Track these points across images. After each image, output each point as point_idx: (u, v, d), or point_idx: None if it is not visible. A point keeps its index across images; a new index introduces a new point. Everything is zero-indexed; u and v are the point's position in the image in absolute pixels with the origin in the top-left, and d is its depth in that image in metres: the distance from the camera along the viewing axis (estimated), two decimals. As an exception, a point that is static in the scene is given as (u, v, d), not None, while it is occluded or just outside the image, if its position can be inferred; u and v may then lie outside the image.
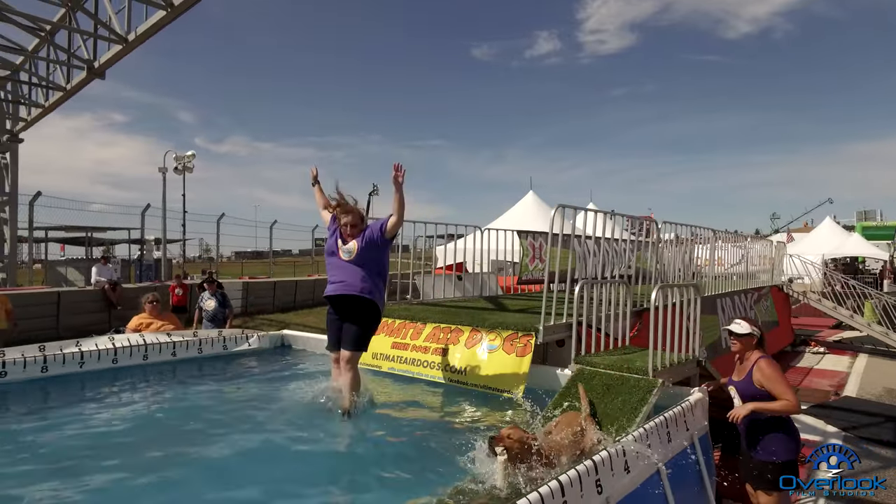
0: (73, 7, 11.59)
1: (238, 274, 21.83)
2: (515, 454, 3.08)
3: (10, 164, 16.24)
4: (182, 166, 20.25)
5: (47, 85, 14.39)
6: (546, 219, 15.79)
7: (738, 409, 3.88)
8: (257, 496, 3.17)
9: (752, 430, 4.00)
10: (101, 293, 13.77)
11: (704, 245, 9.01)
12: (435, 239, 8.41)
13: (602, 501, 2.90)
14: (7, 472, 3.35)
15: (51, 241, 21.80)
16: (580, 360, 4.57)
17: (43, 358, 5.87)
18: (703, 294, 6.89)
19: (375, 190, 19.14)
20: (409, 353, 5.69)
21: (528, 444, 3.13)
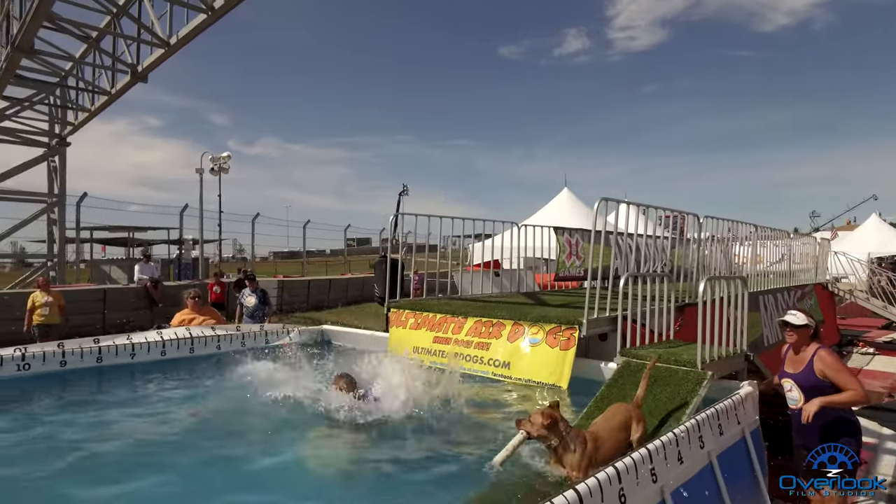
0: (119, 13, 11.99)
1: (272, 273, 22.22)
2: (538, 437, 3.19)
3: (59, 167, 16.88)
4: (218, 167, 20.72)
5: (93, 89, 14.91)
6: (582, 216, 15.79)
7: (808, 407, 3.73)
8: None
9: (819, 426, 3.87)
10: (144, 290, 14.18)
11: (746, 242, 8.81)
12: (473, 238, 8.44)
13: (657, 490, 2.88)
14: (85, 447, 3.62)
15: (95, 242, 22.57)
16: (626, 352, 4.54)
17: (98, 349, 6.12)
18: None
19: (405, 190, 19.34)
20: (451, 346, 5.73)
21: (549, 431, 3.17)
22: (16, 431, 4.07)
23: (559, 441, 3.17)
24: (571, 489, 2.37)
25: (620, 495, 2.59)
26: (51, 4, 10.34)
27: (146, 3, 11.28)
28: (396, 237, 7.77)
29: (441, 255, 7.79)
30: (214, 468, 3.47)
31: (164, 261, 20.57)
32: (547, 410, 3.23)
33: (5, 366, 5.56)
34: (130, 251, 23.13)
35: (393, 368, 4.60)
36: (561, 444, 3.16)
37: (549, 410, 3.23)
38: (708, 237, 7.47)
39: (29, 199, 16.73)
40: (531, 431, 3.20)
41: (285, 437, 3.87)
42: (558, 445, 3.17)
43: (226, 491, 3.18)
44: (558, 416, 3.23)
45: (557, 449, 3.18)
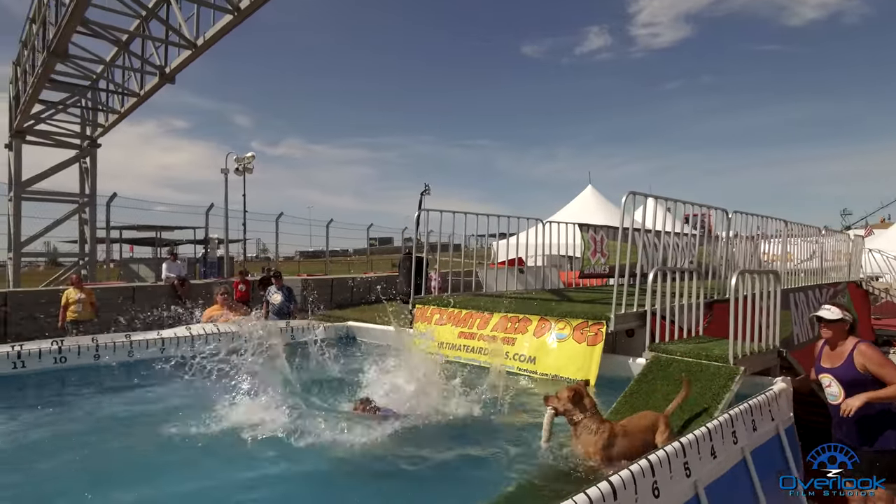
0: (148, 16, 12.22)
1: (296, 272, 22.43)
2: (563, 412, 3.29)
3: (90, 168, 17.30)
4: (242, 167, 20.98)
5: (123, 91, 15.23)
6: (606, 213, 15.62)
7: (852, 402, 3.64)
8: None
9: (862, 422, 3.77)
10: (171, 288, 14.44)
11: (775, 238, 8.63)
12: (497, 236, 8.42)
13: (690, 485, 2.84)
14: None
15: (124, 242, 23.07)
16: (655, 347, 4.49)
17: (129, 343, 6.28)
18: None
19: (427, 189, 19.35)
20: (475, 342, 5.72)
21: (574, 406, 3.25)
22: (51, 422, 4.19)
23: (581, 418, 3.22)
24: (606, 481, 2.35)
25: (654, 488, 2.56)
26: (84, 10, 10.58)
27: (174, 6, 11.48)
28: (420, 236, 7.78)
29: (465, 252, 7.79)
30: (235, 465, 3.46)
31: (191, 259, 20.91)
32: (572, 386, 3.34)
33: (43, 359, 5.75)
34: (158, 250, 23.60)
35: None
36: (583, 421, 3.22)
37: (574, 386, 3.34)
38: (736, 233, 7.33)
39: (61, 200, 17.18)
40: (557, 407, 3.29)
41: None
42: (579, 422, 3.22)
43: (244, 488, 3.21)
44: (584, 392, 3.31)
45: (578, 426, 3.23)
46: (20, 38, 15.50)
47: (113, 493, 3.05)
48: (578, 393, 3.28)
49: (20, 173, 15.92)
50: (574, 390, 3.29)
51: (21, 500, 3.05)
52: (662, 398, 3.84)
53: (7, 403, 4.64)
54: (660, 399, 3.84)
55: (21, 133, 15.98)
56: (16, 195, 15.69)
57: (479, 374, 5.41)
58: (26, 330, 10.64)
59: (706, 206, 6.27)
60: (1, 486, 3.13)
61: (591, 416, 3.24)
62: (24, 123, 15.84)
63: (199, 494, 3.10)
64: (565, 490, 2.37)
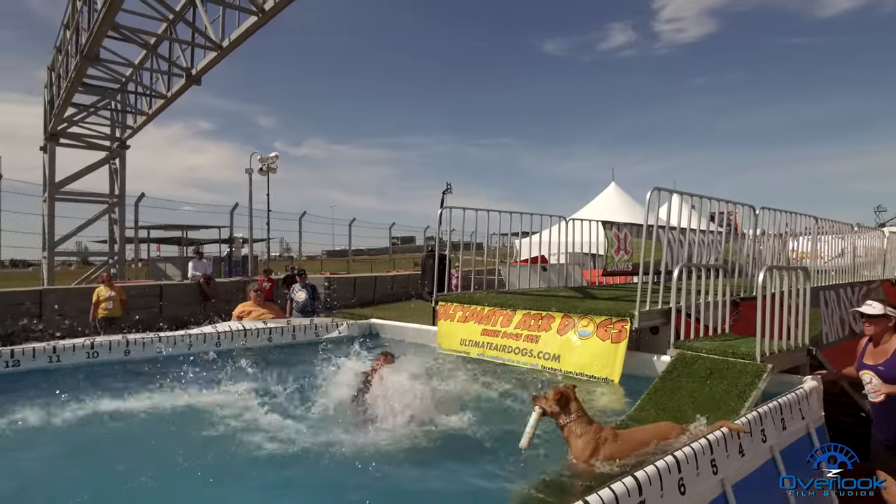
0: (175, 19, 12.45)
1: (319, 270, 22.64)
2: (550, 413, 3.25)
3: (119, 169, 17.71)
4: (266, 167, 21.20)
5: (151, 93, 15.55)
6: (630, 211, 15.42)
7: (885, 387, 3.56)
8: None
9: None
10: (197, 286, 14.71)
11: (805, 236, 8.44)
12: (519, 234, 8.39)
13: (717, 482, 2.81)
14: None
15: (151, 241, 23.56)
16: (680, 344, 4.43)
17: (158, 339, 6.43)
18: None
19: (449, 188, 19.39)
20: (499, 339, 5.72)
21: (561, 408, 3.22)
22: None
23: (567, 421, 3.19)
24: (631, 476, 2.34)
25: (680, 485, 2.54)
26: (115, 14, 10.83)
27: (200, 8, 11.66)
28: (442, 234, 7.80)
29: (487, 251, 7.78)
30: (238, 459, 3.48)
31: (216, 258, 21.24)
32: (559, 388, 3.30)
33: (77, 353, 5.93)
34: (184, 249, 24.04)
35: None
36: (569, 425, 3.19)
37: (561, 388, 3.30)
38: (763, 230, 7.19)
39: (92, 200, 17.61)
40: (545, 407, 3.26)
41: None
42: (566, 425, 3.19)
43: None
44: (571, 395, 3.27)
45: (565, 429, 3.20)
46: (55, 43, 15.93)
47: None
48: (565, 395, 3.25)
49: (54, 175, 16.36)
50: (560, 392, 3.26)
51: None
52: (687, 395, 3.79)
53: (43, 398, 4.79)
54: (685, 396, 3.79)
55: (55, 136, 16.43)
56: (50, 196, 16.13)
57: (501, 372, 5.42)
58: (59, 326, 10.94)
59: (732, 201, 6.15)
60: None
61: (577, 419, 3.20)
62: (57, 126, 16.28)
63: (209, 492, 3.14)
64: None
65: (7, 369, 5.60)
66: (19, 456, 3.58)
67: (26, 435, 3.89)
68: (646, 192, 5.00)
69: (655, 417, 3.70)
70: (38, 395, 4.64)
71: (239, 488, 3.15)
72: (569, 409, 3.23)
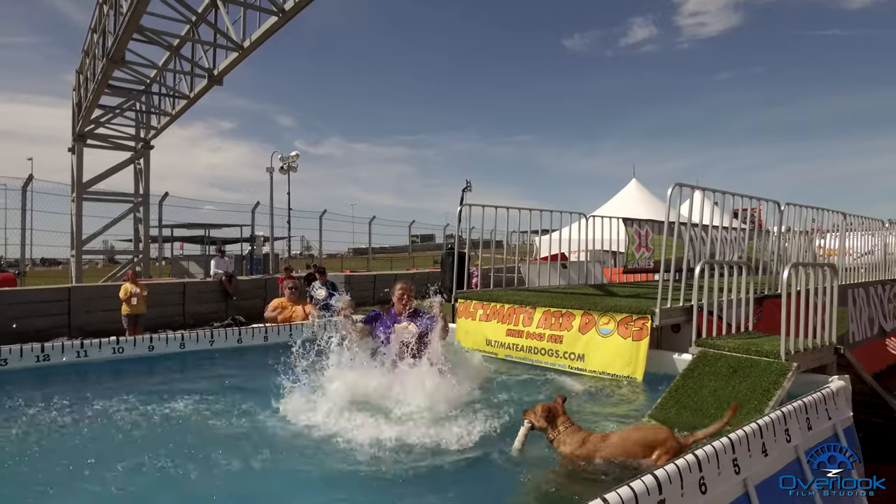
0: (197, 21, 12.65)
1: (338, 268, 22.84)
2: (539, 428, 3.35)
3: (144, 169, 18.05)
4: (287, 166, 21.45)
5: (174, 94, 15.82)
6: (651, 207, 15.24)
7: None
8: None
9: None
10: (219, 284, 14.94)
11: (832, 232, 8.25)
12: (539, 231, 8.35)
13: (739, 482, 2.76)
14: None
15: (175, 240, 23.98)
16: (702, 342, 4.36)
17: (181, 336, 6.55)
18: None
19: (469, 186, 19.40)
20: (524, 340, 5.71)
21: (547, 423, 3.31)
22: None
23: (556, 434, 3.28)
24: (650, 474, 2.31)
25: (701, 484, 2.50)
26: (140, 17, 11.04)
27: (221, 9, 11.83)
28: (462, 233, 7.81)
29: (507, 248, 7.76)
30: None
31: (238, 256, 21.53)
32: (547, 404, 3.39)
33: (103, 349, 6.07)
34: (206, 248, 24.43)
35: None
36: (558, 437, 3.27)
37: (549, 404, 3.39)
38: (789, 227, 7.04)
39: (118, 200, 17.98)
40: (534, 421, 3.36)
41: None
42: (555, 439, 3.27)
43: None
44: (557, 411, 3.35)
45: (555, 442, 3.28)
46: (83, 47, 16.29)
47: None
48: (552, 411, 3.32)
49: (82, 175, 16.74)
50: (548, 408, 3.33)
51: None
52: (710, 394, 3.74)
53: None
54: (707, 395, 3.74)
55: (82, 137, 16.81)
56: (77, 196, 16.51)
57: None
58: (88, 322, 11.21)
59: (756, 197, 6.04)
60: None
61: (566, 430, 3.26)
62: (85, 128, 16.65)
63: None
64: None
65: (37, 363, 5.76)
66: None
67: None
68: (669, 188, 4.93)
69: (677, 416, 3.66)
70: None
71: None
72: (556, 423, 3.31)
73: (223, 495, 2.96)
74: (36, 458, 3.39)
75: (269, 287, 15.55)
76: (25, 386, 5.07)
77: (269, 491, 3.10)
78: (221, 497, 2.95)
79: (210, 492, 2.98)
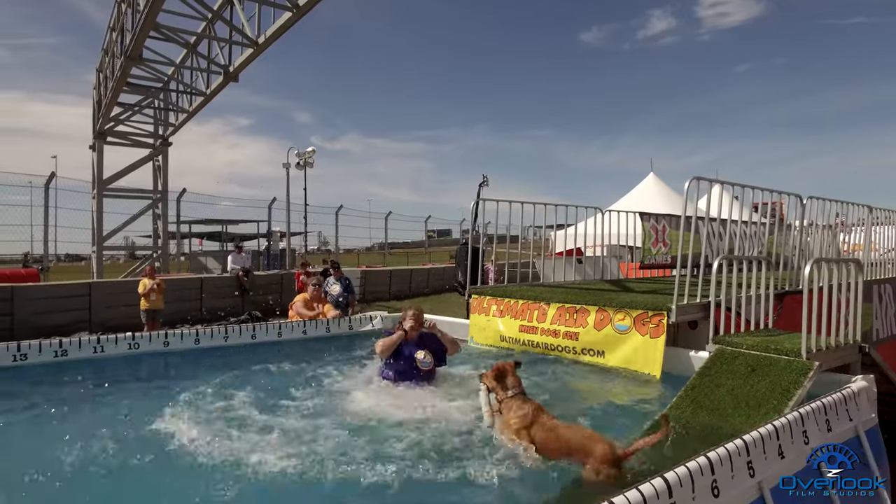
0: (213, 18, 12.73)
1: (355, 263, 22.92)
2: (491, 389, 3.39)
3: (162, 166, 18.27)
4: (303, 162, 21.52)
5: (191, 91, 15.96)
6: (668, 202, 15.01)
7: None
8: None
9: None
10: (236, 279, 15.06)
11: (857, 226, 8.02)
12: (554, 226, 8.25)
13: (754, 486, 2.67)
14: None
15: (193, 236, 24.27)
16: (719, 339, 4.25)
17: (196, 332, 6.59)
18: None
19: (485, 181, 19.30)
20: (538, 336, 5.65)
21: (497, 383, 3.35)
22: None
23: (504, 397, 3.26)
24: (660, 477, 2.24)
25: (713, 487, 2.42)
26: (156, 15, 11.13)
27: (237, 6, 11.88)
28: (477, 228, 7.73)
29: (521, 243, 7.67)
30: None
31: (255, 252, 21.71)
32: (497, 363, 3.41)
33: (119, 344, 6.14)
34: (224, 243, 24.68)
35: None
36: (506, 401, 3.25)
37: (500, 363, 3.41)
38: (811, 222, 6.85)
39: (137, 196, 18.24)
40: (486, 383, 3.38)
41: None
42: (503, 401, 3.25)
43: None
44: (508, 371, 3.35)
45: (502, 404, 3.26)
46: (102, 46, 16.51)
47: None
48: (501, 371, 3.31)
49: (102, 172, 17.00)
50: (497, 368, 3.32)
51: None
52: (727, 393, 3.63)
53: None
54: (724, 395, 3.63)
55: (103, 135, 17.06)
56: (98, 193, 16.77)
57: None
58: (108, 317, 11.38)
59: (777, 191, 5.88)
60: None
61: (514, 396, 3.22)
62: (105, 126, 16.89)
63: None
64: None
65: (56, 359, 5.84)
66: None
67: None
68: (690, 177, 4.82)
69: (693, 415, 3.57)
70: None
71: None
72: (506, 383, 3.28)
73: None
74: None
75: (286, 282, 15.63)
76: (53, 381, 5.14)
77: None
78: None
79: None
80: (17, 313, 10.59)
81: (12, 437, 3.83)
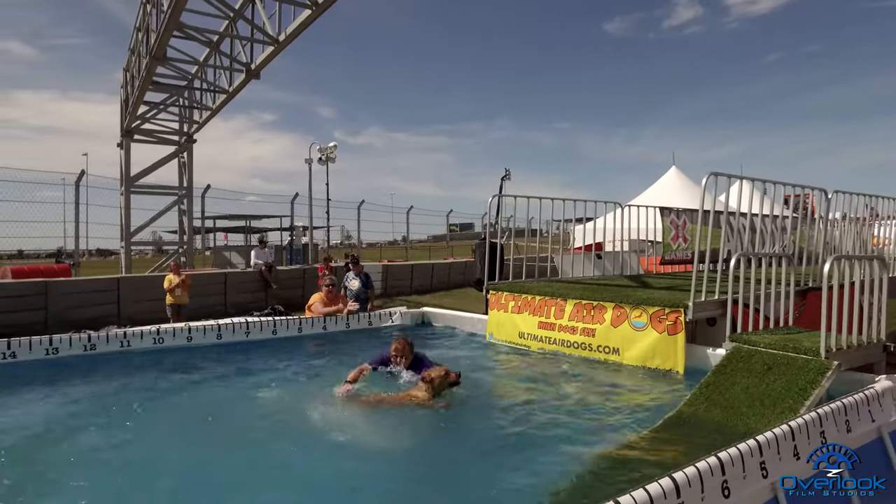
0: (235, 17, 12.89)
1: (377, 258, 23.06)
2: (436, 386, 4.20)
3: (188, 163, 18.60)
4: (325, 157, 21.64)
5: (214, 89, 16.20)
6: (691, 196, 14.77)
7: None
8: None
9: None
10: (259, 274, 15.28)
11: (889, 220, 7.80)
12: (574, 221, 8.19)
13: (766, 486, 2.65)
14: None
15: (218, 231, 24.67)
16: (736, 337, 4.20)
17: (218, 327, 6.73)
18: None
19: (507, 174, 19.17)
20: (556, 333, 5.65)
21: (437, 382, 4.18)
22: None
23: (427, 391, 4.11)
24: (668, 476, 2.24)
25: (724, 487, 2.41)
26: (180, 14, 11.32)
27: (258, 4, 12.02)
28: (496, 222, 7.72)
29: (540, 238, 7.64)
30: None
31: (278, 247, 21.97)
32: (452, 375, 4.29)
33: (144, 339, 6.31)
34: (248, 238, 25.02)
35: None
36: (423, 390, 4.11)
37: (454, 375, 4.30)
38: (844, 214, 6.68)
39: (164, 193, 18.61)
40: (433, 374, 4.21)
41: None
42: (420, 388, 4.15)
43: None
44: (448, 383, 4.24)
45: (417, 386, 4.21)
46: (129, 46, 16.84)
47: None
48: (447, 381, 4.22)
49: (129, 169, 17.39)
50: (450, 380, 4.25)
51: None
52: (742, 392, 3.60)
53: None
54: (739, 393, 3.60)
55: (130, 132, 17.44)
56: (126, 189, 17.16)
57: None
58: (135, 311, 11.67)
59: (800, 185, 5.75)
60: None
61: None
62: (132, 124, 17.26)
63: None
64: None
65: (85, 352, 6.03)
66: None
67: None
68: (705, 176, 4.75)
69: (706, 413, 3.54)
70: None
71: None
72: (437, 388, 4.15)
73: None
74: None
75: (308, 276, 15.81)
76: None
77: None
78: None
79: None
80: (51, 307, 10.93)
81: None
